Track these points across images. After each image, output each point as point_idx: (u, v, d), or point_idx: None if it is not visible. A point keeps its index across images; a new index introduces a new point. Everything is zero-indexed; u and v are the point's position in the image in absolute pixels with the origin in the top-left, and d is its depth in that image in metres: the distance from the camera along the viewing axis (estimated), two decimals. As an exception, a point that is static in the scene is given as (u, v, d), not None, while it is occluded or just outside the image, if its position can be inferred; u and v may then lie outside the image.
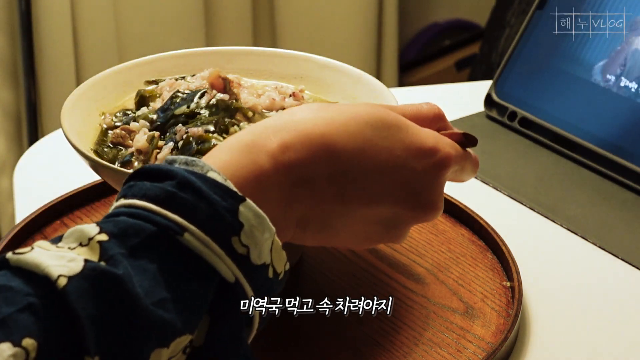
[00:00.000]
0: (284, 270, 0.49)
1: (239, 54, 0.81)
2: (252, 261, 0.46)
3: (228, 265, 0.45)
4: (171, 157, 0.47)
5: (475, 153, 0.96)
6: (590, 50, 0.96)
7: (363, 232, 0.55)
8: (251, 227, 0.45)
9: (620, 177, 0.90)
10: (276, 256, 0.48)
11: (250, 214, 0.46)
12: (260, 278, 0.47)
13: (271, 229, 0.47)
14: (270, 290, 0.48)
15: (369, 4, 2.07)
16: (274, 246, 0.47)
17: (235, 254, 0.45)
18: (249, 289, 0.46)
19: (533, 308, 0.73)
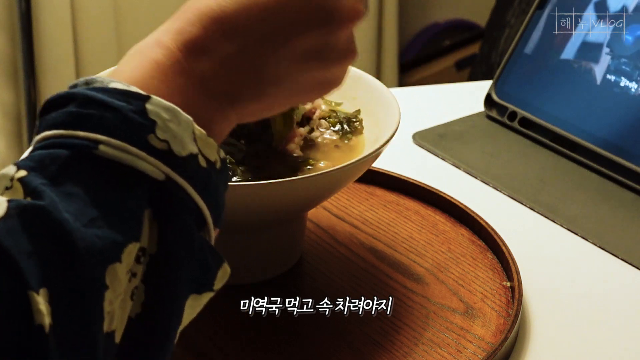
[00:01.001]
0: (219, 158, 0.48)
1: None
2: (176, 153, 0.45)
3: (152, 164, 0.44)
4: (72, 82, 0.47)
5: (476, 153, 0.96)
6: (590, 50, 0.96)
7: (300, 73, 0.53)
8: (164, 122, 0.45)
9: (620, 177, 0.90)
10: (203, 144, 0.46)
11: (159, 109, 0.45)
12: (191, 169, 0.45)
13: (187, 118, 0.46)
14: (209, 181, 0.47)
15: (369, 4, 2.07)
16: (197, 135, 0.46)
17: (156, 151, 0.44)
18: (182, 181, 0.45)
19: (533, 308, 0.73)
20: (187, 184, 0.45)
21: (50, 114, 0.45)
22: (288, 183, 0.64)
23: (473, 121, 1.03)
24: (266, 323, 0.69)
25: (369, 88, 0.76)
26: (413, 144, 0.99)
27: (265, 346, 0.67)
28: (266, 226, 0.72)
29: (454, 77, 2.19)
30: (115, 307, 0.42)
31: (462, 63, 2.22)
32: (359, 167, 0.66)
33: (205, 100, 0.49)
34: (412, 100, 1.09)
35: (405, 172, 0.88)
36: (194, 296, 0.47)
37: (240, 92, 0.51)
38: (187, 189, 0.45)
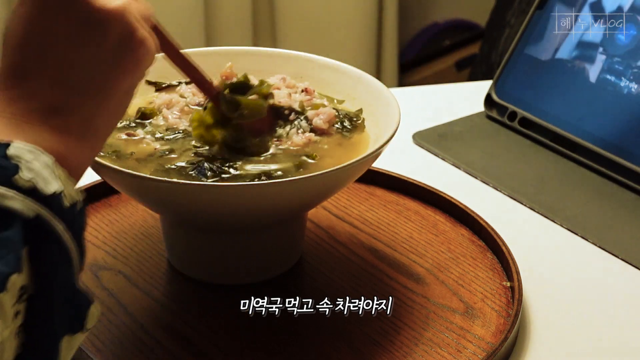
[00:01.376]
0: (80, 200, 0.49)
1: (239, 54, 0.81)
2: (41, 191, 0.46)
3: (20, 201, 0.45)
4: None
5: (476, 153, 0.96)
6: (590, 50, 0.96)
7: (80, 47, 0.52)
8: (27, 163, 0.46)
9: (620, 177, 0.90)
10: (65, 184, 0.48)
11: (21, 151, 0.46)
12: (56, 206, 0.47)
13: (47, 158, 0.47)
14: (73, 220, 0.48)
15: (369, 4, 2.07)
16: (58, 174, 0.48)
17: (23, 189, 0.45)
18: (50, 217, 0.46)
19: (533, 308, 0.73)
20: (55, 221, 0.46)
21: None
22: (288, 183, 0.64)
23: (473, 121, 1.03)
24: (266, 323, 0.69)
25: (369, 88, 0.76)
26: (413, 144, 0.99)
27: (265, 346, 0.67)
28: (266, 226, 0.72)
29: (454, 77, 2.19)
30: (5, 338, 0.42)
31: (462, 63, 2.22)
32: (359, 167, 0.66)
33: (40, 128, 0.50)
34: (412, 100, 1.09)
35: (405, 172, 0.88)
36: (68, 337, 0.47)
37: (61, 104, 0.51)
38: (56, 227, 0.46)
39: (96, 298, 0.49)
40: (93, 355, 0.65)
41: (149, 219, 0.81)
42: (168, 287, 0.74)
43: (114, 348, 0.67)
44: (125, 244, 0.78)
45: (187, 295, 0.73)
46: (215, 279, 0.74)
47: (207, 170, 0.67)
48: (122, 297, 0.72)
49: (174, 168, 0.67)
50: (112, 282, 0.73)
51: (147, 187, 0.64)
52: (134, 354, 0.66)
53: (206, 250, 0.73)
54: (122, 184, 0.66)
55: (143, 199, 0.70)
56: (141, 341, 0.67)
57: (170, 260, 0.76)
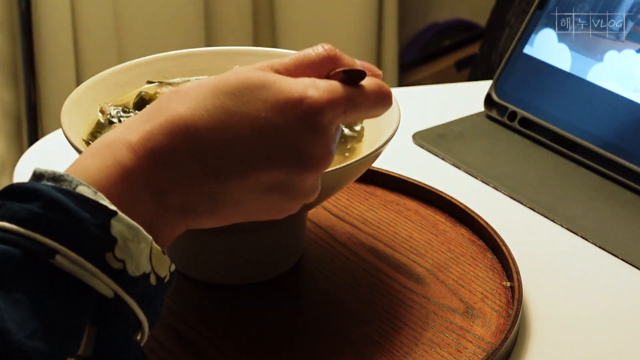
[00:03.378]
0: (168, 273, 0.48)
1: (239, 54, 0.81)
2: (130, 274, 0.45)
3: (105, 282, 0.44)
4: (40, 171, 0.46)
5: (476, 153, 0.96)
6: (590, 50, 0.96)
7: (259, 201, 0.53)
8: (125, 241, 0.45)
9: (620, 177, 0.90)
10: (157, 263, 0.47)
11: (122, 227, 0.45)
12: (141, 288, 0.46)
13: (147, 238, 0.46)
14: (155, 296, 0.47)
15: (369, 4, 2.07)
16: (153, 254, 0.47)
17: (111, 270, 0.44)
18: (131, 301, 0.45)
19: (533, 308, 0.73)
20: (134, 303, 0.45)
21: (12, 202, 0.45)
22: (288, 183, 0.63)
23: (473, 121, 1.03)
24: (266, 323, 0.69)
25: (369, 88, 0.76)
26: (413, 144, 0.99)
27: (265, 346, 0.67)
28: (266, 226, 0.72)
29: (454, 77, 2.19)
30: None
31: (462, 63, 2.22)
32: (359, 167, 0.66)
33: (168, 215, 0.50)
34: (412, 100, 1.09)
35: (405, 172, 0.88)
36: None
37: (196, 209, 0.51)
38: (132, 307, 0.45)
39: None
40: None
41: (149, 219, 0.81)
42: (168, 287, 0.74)
43: (114, 348, 0.66)
44: (125, 244, 0.78)
45: (187, 295, 0.73)
46: (215, 279, 0.74)
47: None
48: (122, 297, 0.72)
49: None
50: (112, 282, 0.73)
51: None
52: (134, 354, 0.66)
53: (206, 250, 0.73)
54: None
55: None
56: (141, 341, 0.67)
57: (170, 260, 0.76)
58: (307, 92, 0.52)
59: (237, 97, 0.50)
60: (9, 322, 0.41)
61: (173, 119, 0.49)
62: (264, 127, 0.50)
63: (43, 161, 0.94)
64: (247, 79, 0.51)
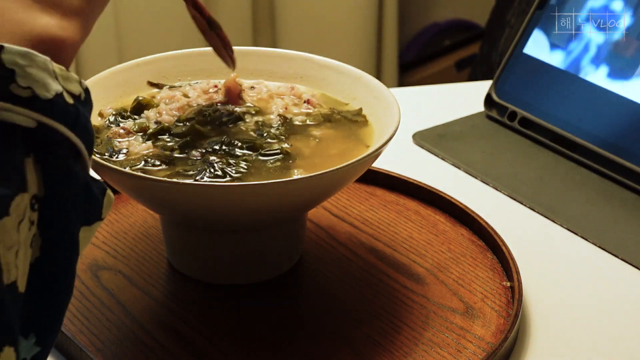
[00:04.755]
0: (82, 90, 0.47)
1: (239, 54, 0.81)
2: (42, 98, 0.44)
3: (21, 113, 0.43)
4: None
5: (476, 153, 0.96)
6: (590, 50, 0.96)
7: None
8: (22, 68, 0.44)
9: (620, 177, 0.90)
10: (64, 81, 0.46)
11: (14, 56, 0.44)
12: (60, 110, 0.45)
13: (43, 58, 0.45)
14: (78, 115, 0.46)
15: (369, 4, 2.07)
16: (57, 73, 0.46)
17: (22, 99, 0.44)
18: (54, 123, 0.45)
19: (533, 308, 0.73)
20: (59, 125, 0.45)
21: None
22: (288, 183, 0.64)
23: (473, 121, 1.03)
24: (266, 323, 0.69)
25: (369, 88, 0.76)
26: (413, 144, 0.99)
27: (265, 346, 0.67)
28: (266, 226, 0.72)
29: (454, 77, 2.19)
30: (10, 258, 0.42)
31: (462, 63, 2.22)
32: (359, 167, 0.66)
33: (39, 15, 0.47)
34: (412, 100, 1.09)
35: (405, 172, 0.88)
36: (84, 228, 0.47)
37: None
38: (60, 129, 0.45)
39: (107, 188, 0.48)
40: (93, 355, 0.65)
41: (149, 219, 0.81)
42: (168, 287, 0.74)
43: (114, 348, 0.67)
44: (125, 244, 0.78)
45: (187, 295, 0.73)
46: (215, 279, 0.74)
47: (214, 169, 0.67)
48: (122, 297, 0.72)
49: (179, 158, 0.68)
50: (112, 282, 0.73)
51: (147, 187, 0.64)
52: (134, 354, 0.66)
53: (206, 250, 0.73)
54: (122, 184, 0.66)
55: (143, 199, 0.70)
56: (141, 341, 0.67)
57: (170, 260, 0.76)
58: None
59: None
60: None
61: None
62: None
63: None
64: None
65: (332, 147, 0.72)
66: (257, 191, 0.63)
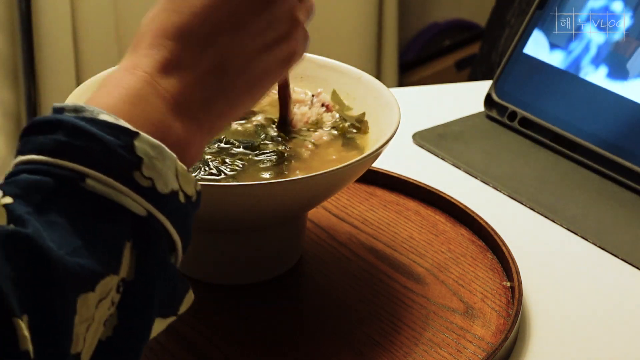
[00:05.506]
0: (195, 192, 0.49)
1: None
2: (159, 191, 0.46)
3: (136, 200, 0.45)
4: (59, 105, 0.47)
5: (476, 153, 0.96)
6: (590, 50, 0.96)
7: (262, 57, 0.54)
8: (150, 159, 0.46)
9: (620, 177, 0.90)
10: (184, 181, 0.48)
11: (146, 146, 0.46)
12: (171, 206, 0.47)
13: (171, 155, 0.47)
14: (186, 215, 0.48)
15: (369, 4, 2.07)
16: (179, 172, 0.48)
17: (141, 188, 0.45)
18: (163, 218, 0.46)
19: (533, 308, 0.73)
20: (166, 220, 0.46)
21: (36, 136, 0.46)
22: (288, 183, 0.64)
23: (473, 121, 1.03)
24: (266, 323, 0.69)
25: (369, 88, 0.76)
26: (413, 144, 0.99)
27: (265, 346, 0.67)
28: (266, 226, 0.72)
29: (454, 77, 2.19)
30: (81, 330, 0.42)
31: (462, 63, 2.22)
32: (359, 167, 0.66)
33: (180, 118, 0.50)
34: (412, 100, 1.09)
35: (405, 172, 0.88)
36: (159, 320, 0.48)
37: (209, 98, 0.52)
38: (165, 225, 0.46)
39: None
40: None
41: (149, 219, 0.81)
42: (168, 287, 0.74)
43: (114, 348, 0.66)
44: (125, 244, 0.78)
45: (187, 295, 0.73)
46: (215, 279, 0.74)
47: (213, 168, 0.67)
48: (122, 297, 0.72)
49: None
50: (112, 282, 0.73)
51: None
52: (134, 354, 0.66)
53: (206, 250, 0.73)
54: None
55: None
56: (141, 341, 0.67)
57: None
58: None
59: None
60: (48, 242, 0.41)
61: (157, 33, 0.52)
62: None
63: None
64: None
65: (332, 153, 0.72)
66: (257, 191, 0.63)
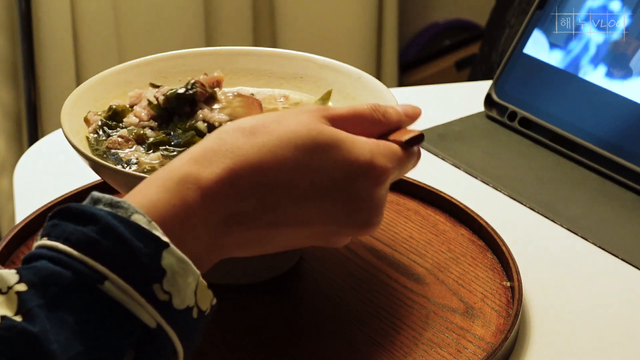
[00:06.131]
0: (210, 307, 0.49)
1: (239, 54, 0.81)
2: (175, 307, 0.46)
3: (149, 313, 0.45)
4: (97, 196, 0.47)
5: (476, 153, 0.96)
6: (590, 50, 0.96)
7: (304, 240, 0.55)
8: (174, 274, 0.45)
9: (620, 177, 0.90)
10: (201, 296, 0.47)
11: (173, 260, 0.45)
12: (183, 321, 0.47)
13: (195, 272, 0.47)
14: (195, 329, 0.48)
15: (369, 4, 2.07)
16: (199, 288, 0.47)
17: (157, 301, 0.45)
18: (172, 333, 0.46)
19: (533, 308, 0.73)
20: (174, 335, 0.46)
21: (67, 222, 0.45)
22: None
23: (473, 121, 1.03)
24: (266, 323, 0.69)
25: (369, 88, 0.76)
26: (413, 144, 0.98)
27: (265, 346, 0.67)
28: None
29: (454, 77, 2.19)
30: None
31: (462, 63, 2.22)
32: (359, 167, 0.66)
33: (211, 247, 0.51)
34: (412, 100, 1.08)
35: (405, 172, 0.87)
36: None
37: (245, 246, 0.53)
38: (172, 339, 0.46)
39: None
40: None
41: (149, 219, 0.81)
42: (168, 287, 0.74)
43: (114, 348, 0.66)
44: (125, 244, 0.78)
45: (187, 295, 0.73)
46: (216, 279, 0.73)
47: None
48: (122, 297, 0.71)
49: None
50: (112, 282, 0.73)
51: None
52: (134, 354, 0.66)
53: (206, 250, 0.73)
54: (122, 184, 0.66)
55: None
56: (141, 341, 0.67)
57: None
58: (374, 159, 0.54)
59: (307, 152, 0.52)
60: (53, 344, 0.41)
61: (240, 164, 0.51)
62: (330, 187, 0.53)
63: (43, 161, 0.94)
64: (316, 136, 0.53)
65: None
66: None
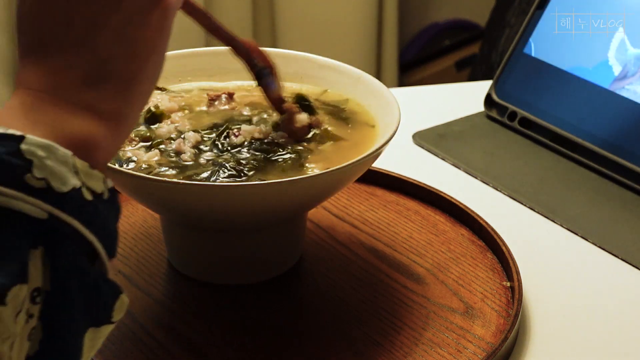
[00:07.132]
0: (106, 189, 0.47)
1: (239, 54, 0.81)
2: (57, 190, 0.44)
3: (32, 203, 0.43)
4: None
5: (476, 153, 0.96)
6: (590, 50, 0.96)
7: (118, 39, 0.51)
8: (41, 160, 0.44)
9: (620, 177, 0.90)
10: (87, 177, 0.46)
11: (34, 147, 0.44)
12: (75, 204, 0.45)
13: (64, 152, 0.45)
14: (97, 213, 0.46)
15: (369, 4, 2.07)
16: (79, 168, 0.46)
17: (35, 190, 0.43)
18: (68, 218, 0.44)
19: (533, 308, 0.73)
20: (72, 219, 0.44)
21: None
22: (288, 183, 0.64)
23: (473, 121, 1.03)
24: (266, 323, 0.69)
25: (369, 88, 0.76)
26: (413, 144, 0.99)
27: (265, 346, 0.67)
28: (266, 226, 0.72)
29: (454, 77, 2.19)
30: (4, 349, 0.41)
31: (462, 63, 2.22)
32: (359, 167, 0.66)
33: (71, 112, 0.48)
34: (412, 100, 1.09)
35: (405, 172, 0.88)
36: (92, 329, 0.46)
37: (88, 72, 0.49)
38: (73, 224, 0.44)
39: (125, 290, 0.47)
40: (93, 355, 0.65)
41: (149, 219, 0.81)
42: (168, 287, 0.74)
43: (114, 348, 0.67)
44: (125, 244, 0.78)
45: (187, 295, 0.73)
46: (215, 279, 0.74)
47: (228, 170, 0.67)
48: (122, 297, 0.72)
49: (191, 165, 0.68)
50: (112, 282, 0.73)
51: (147, 187, 0.64)
52: (134, 354, 0.66)
53: (206, 250, 0.73)
54: (122, 183, 0.66)
55: (143, 199, 0.70)
56: (141, 341, 0.67)
57: (170, 260, 0.76)
58: None
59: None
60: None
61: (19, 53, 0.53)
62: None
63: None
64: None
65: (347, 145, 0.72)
66: (257, 191, 0.63)
